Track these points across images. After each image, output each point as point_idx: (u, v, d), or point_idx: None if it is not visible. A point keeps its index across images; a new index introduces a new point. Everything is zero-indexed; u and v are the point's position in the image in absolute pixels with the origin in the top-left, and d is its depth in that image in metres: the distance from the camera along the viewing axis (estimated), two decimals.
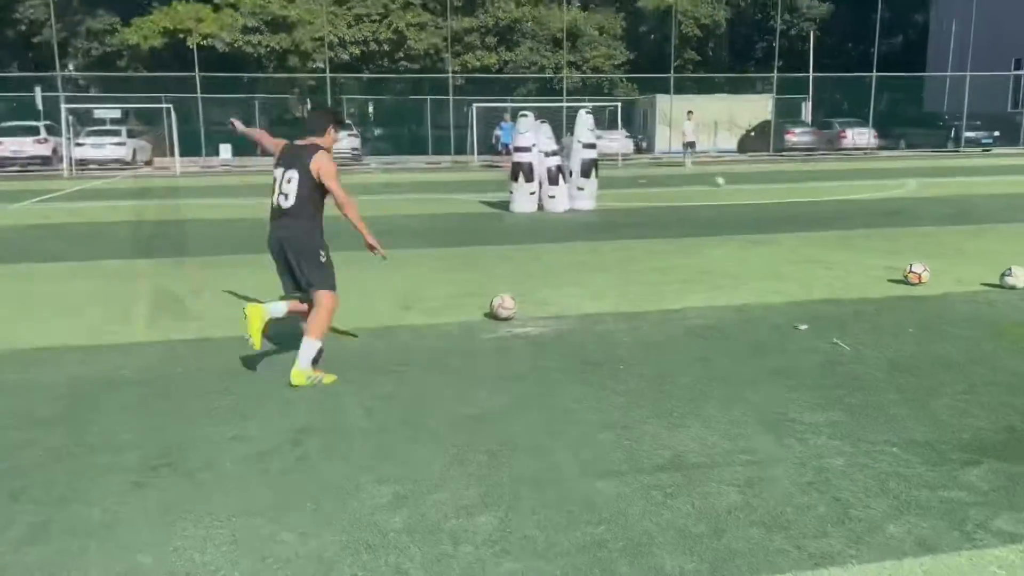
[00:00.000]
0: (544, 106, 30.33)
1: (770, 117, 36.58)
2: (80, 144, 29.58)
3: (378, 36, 38.21)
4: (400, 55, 38.89)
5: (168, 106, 30.15)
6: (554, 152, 14.76)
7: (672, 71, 36.44)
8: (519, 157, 14.65)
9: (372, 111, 42.30)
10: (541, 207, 14.73)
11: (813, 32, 43.22)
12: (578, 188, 14.88)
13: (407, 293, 7.74)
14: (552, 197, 14.67)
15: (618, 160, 31.04)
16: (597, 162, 15.23)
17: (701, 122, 30.83)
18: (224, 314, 7.08)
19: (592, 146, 15.04)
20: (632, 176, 23.75)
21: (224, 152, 31.46)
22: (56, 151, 29.87)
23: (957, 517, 3.32)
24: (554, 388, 4.98)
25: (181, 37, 36.68)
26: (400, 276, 8.38)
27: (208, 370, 5.46)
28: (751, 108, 38.69)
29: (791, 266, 8.90)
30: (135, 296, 7.88)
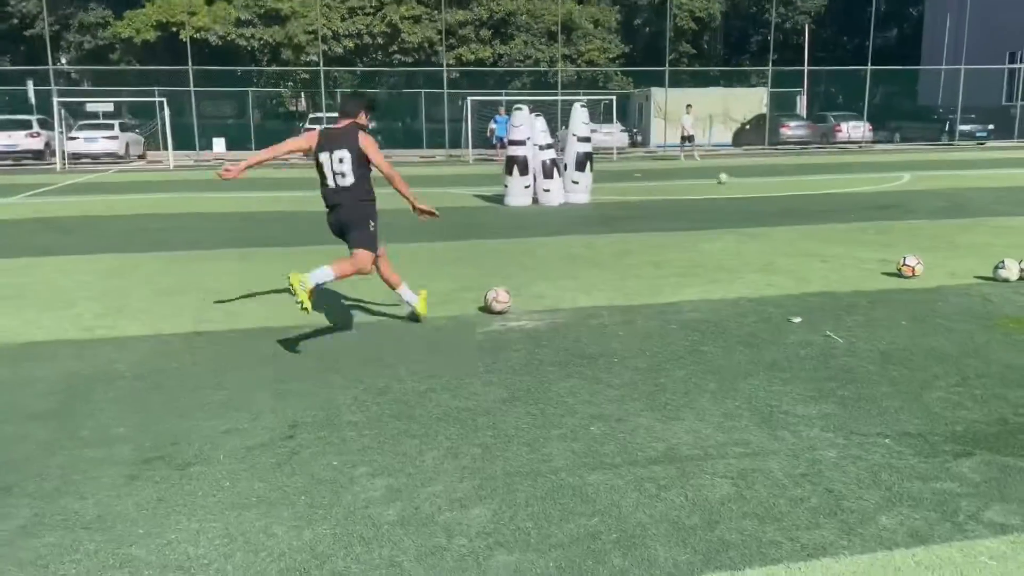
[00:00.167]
0: (539, 99, 30.34)
1: (765, 110, 36.58)
2: (73, 138, 29.47)
3: (372, 29, 38.14)
4: (394, 48, 38.83)
5: (161, 100, 30.07)
6: (549, 145, 14.76)
7: (667, 64, 36.41)
8: (514, 151, 14.64)
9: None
10: (536, 201, 14.73)
11: (808, 25, 43.27)
12: (573, 182, 14.88)
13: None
14: (547, 191, 14.67)
15: (613, 154, 31.04)
16: (592, 155, 15.23)
17: (697, 116, 30.78)
18: (218, 308, 7.07)
19: (587, 139, 15.04)
20: (627, 170, 23.75)
21: (218, 146, 31.41)
22: (49, 145, 29.76)
23: (949, 508, 3.33)
24: (548, 381, 4.99)
25: (174, 30, 36.58)
26: (395, 269, 8.36)
27: (201, 364, 5.45)
28: (746, 101, 38.70)
29: (785, 259, 8.91)
30: (128, 290, 7.87)
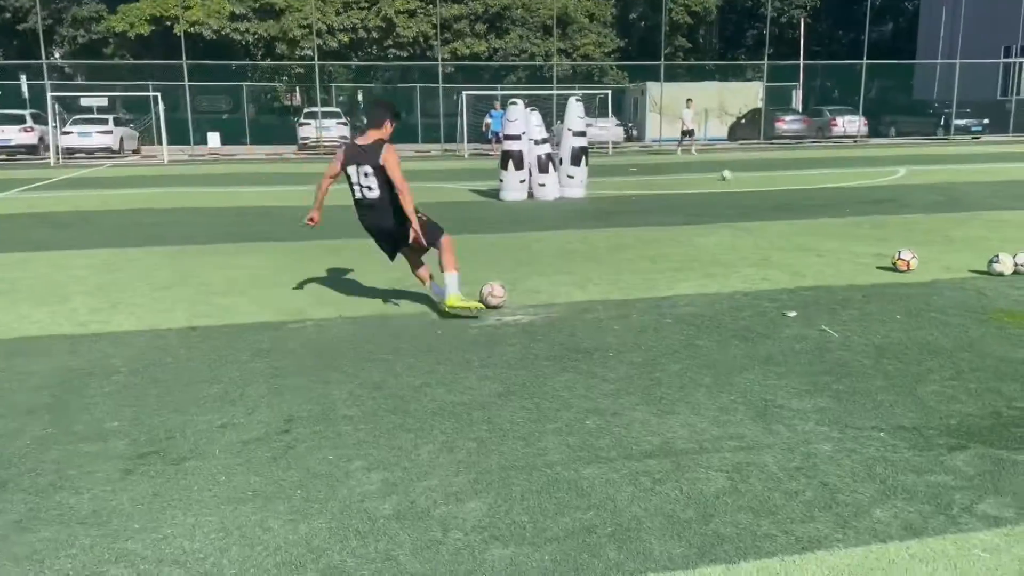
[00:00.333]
0: (534, 94, 30.33)
1: (760, 105, 36.59)
2: (67, 132, 29.38)
3: (367, 23, 38.07)
4: (389, 42, 38.76)
5: (156, 94, 29.99)
6: (544, 140, 14.75)
7: (663, 58, 36.39)
8: (509, 145, 14.63)
9: (361, 99, 42.18)
10: (531, 195, 14.73)
11: (803, 19, 43.27)
12: (568, 176, 14.88)
13: (396, 281, 7.73)
14: (542, 185, 14.66)
15: (608, 148, 31.03)
16: (587, 150, 15.22)
17: (696, 110, 30.70)
18: (213, 302, 7.07)
19: (582, 134, 15.04)
20: (622, 164, 23.76)
21: (212, 140, 31.32)
22: (42, 140, 29.69)
23: (943, 501, 3.34)
24: (543, 375, 4.99)
25: (168, 24, 36.46)
26: (390, 264, 8.36)
27: (197, 359, 5.45)
28: (741, 96, 38.72)
29: (781, 254, 8.92)
30: (123, 285, 7.85)
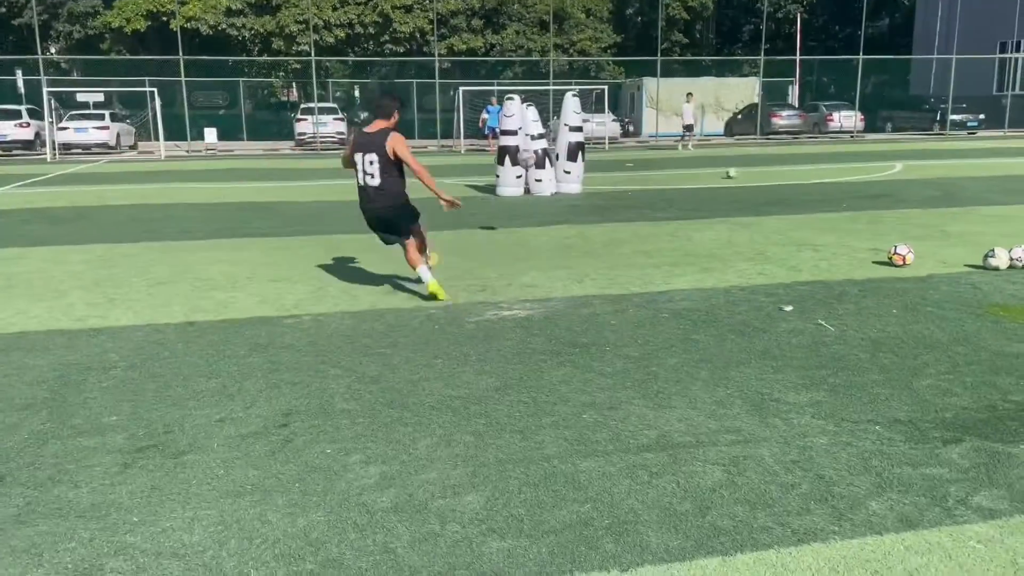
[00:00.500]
0: (531, 89, 30.31)
1: (757, 100, 36.60)
2: (63, 128, 29.30)
3: (363, 19, 38.00)
4: (385, 38, 38.71)
5: (152, 90, 29.93)
6: (540, 135, 14.75)
7: (659, 54, 36.38)
8: (505, 140, 14.63)
9: (358, 94, 42.14)
10: (528, 191, 14.73)
11: (800, 14, 43.26)
12: (565, 171, 14.88)
13: (394, 275, 7.74)
14: (539, 180, 14.66)
15: (605, 144, 31.03)
16: (584, 145, 15.22)
17: (696, 104, 30.61)
18: (211, 297, 7.07)
19: (579, 129, 15.03)
20: (619, 159, 23.76)
21: (209, 136, 31.26)
22: (39, 135, 29.60)
23: (938, 494, 3.36)
24: (540, 370, 5.00)
25: (164, 20, 36.38)
26: (387, 259, 8.37)
27: (194, 354, 5.45)
28: (738, 91, 38.72)
29: (777, 248, 8.94)
30: (121, 280, 7.85)
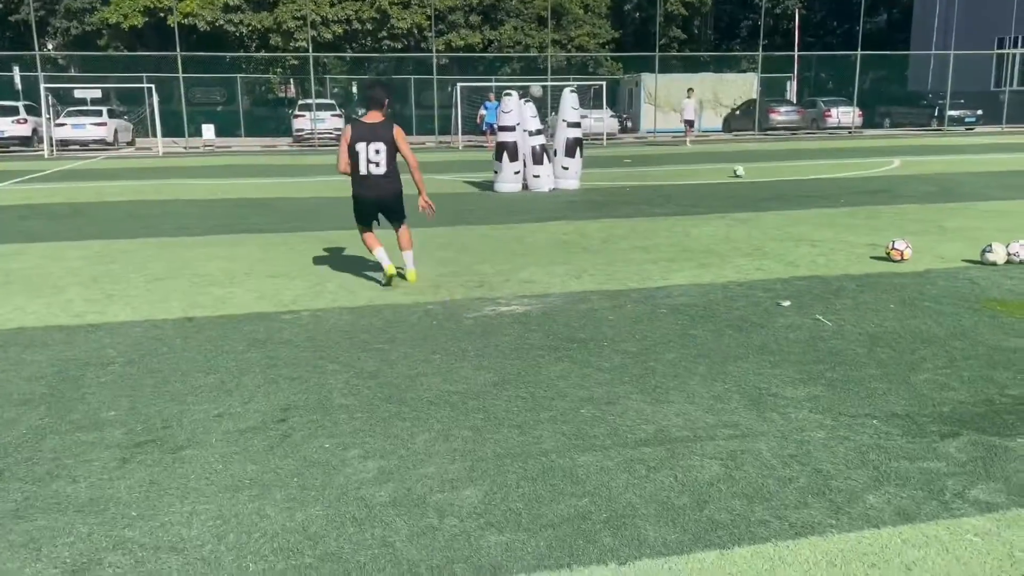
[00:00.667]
0: (529, 85, 30.25)
1: (755, 96, 36.58)
2: (60, 124, 29.25)
3: (361, 15, 37.94)
4: (383, 34, 38.65)
5: (150, 86, 29.88)
6: (538, 131, 14.74)
7: (657, 49, 36.34)
8: (503, 136, 14.62)
9: (356, 91, 42.08)
10: (526, 186, 14.73)
11: (798, 10, 43.25)
12: (563, 167, 14.87)
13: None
14: (537, 176, 14.66)
15: (603, 140, 31.02)
16: (582, 141, 15.22)
17: (697, 99, 30.52)
18: (209, 293, 7.07)
19: (577, 125, 15.02)
20: (617, 155, 23.76)
21: (207, 132, 31.18)
22: (36, 131, 29.54)
23: (935, 487, 3.37)
24: (538, 365, 5.01)
25: (161, 16, 36.31)
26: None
27: (193, 349, 5.45)
28: (736, 87, 38.71)
29: (775, 244, 8.94)
30: (119, 276, 7.85)
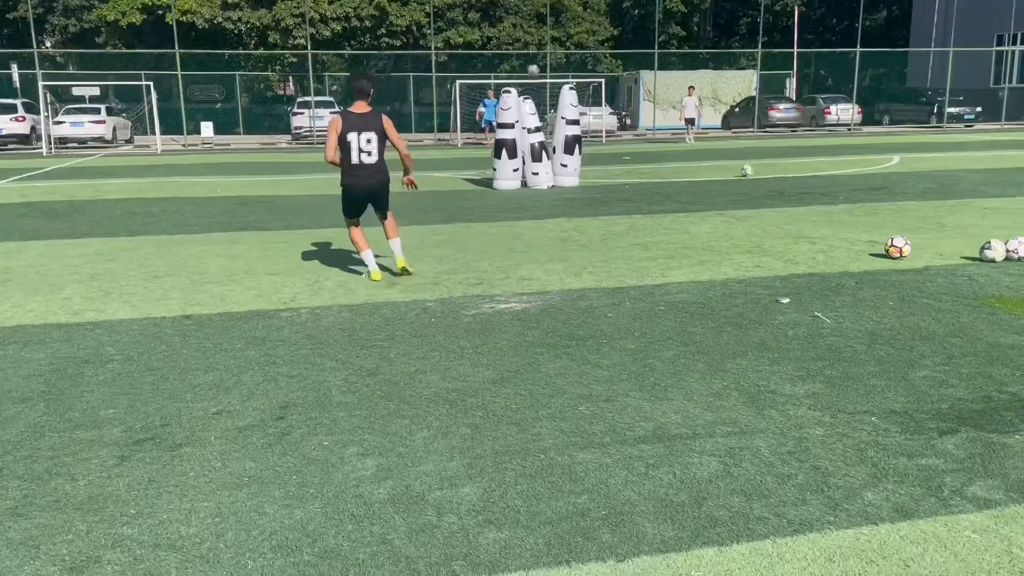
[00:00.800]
0: (527, 82, 30.27)
1: (754, 93, 36.57)
2: (59, 122, 29.21)
3: (360, 12, 37.90)
4: (382, 31, 38.62)
5: (148, 83, 29.86)
6: (537, 128, 14.73)
7: (656, 47, 36.32)
8: (502, 134, 14.61)
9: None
10: (525, 184, 14.72)
11: (797, 7, 43.21)
12: (561, 165, 14.87)
13: (390, 269, 7.74)
14: (535, 174, 14.66)
15: (602, 137, 31.01)
16: (581, 138, 15.21)
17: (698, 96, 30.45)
18: (207, 291, 7.06)
19: (575, 122, 15.01)
20: (616, 152, 23.75)
21: (205, 130, 31.16)
22: (34, 129, 29.52)
23: (934, 484, 3.37)
24: (537, 362, 5.01)
25: (160, 13, 36.26)
26: (383, 253, 8.37)
27: (191, 347, 5.45)
28: (735, 84, 38.69)
29: (774, 241, 8.95)
30: (117, 274, 7.85)
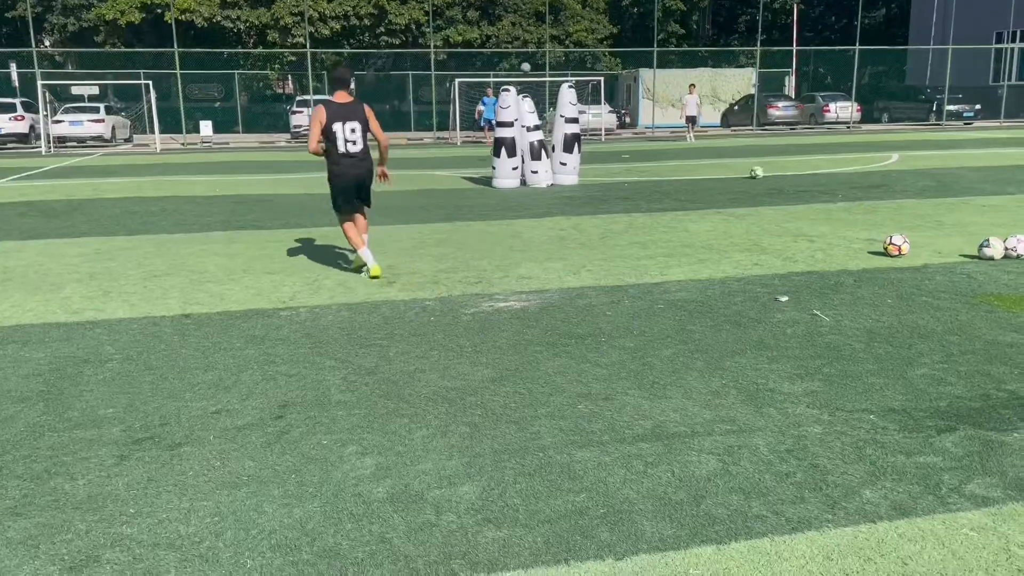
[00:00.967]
0: (527, 81, 30.26)
1: (754, 91, 36.57)
2: (58, 121, 29.20)
3: (359, 10, 37.87)
4: (381, 30, 38.59)
5: (147, 82, 29.84)
6: (536, 127, 14.73)
7: (655, 45, 36.31)
8: (501, 132, 14.61)
9: (353, 87, 42.06)
10: (524, 182, 14.73)
11: (796, 5, 43.18)
12: (561, 163, 14.87)
13: (390, 268, 7.75)
14: (535, 172, 14.66)
15: (601, 135, 31.00)
16: (580, 137, 15.21)
17: (699, 94, 30.44)
18: (206, 290, 7.07)
19: (575, 121, 15.01)
20: (615, 151, 23.74)
21: (205, 129, 31.15)
22: (33, 128, 29.51)
23: (932, 482, 3.38)
24: (536, 361, 5.01)
25: (159, 12, 36.23)
26: (383, 251, 8.38)
27: (190, 346, 5.45)
28: (734, 82, 38.69)
29: (772, 239, 8.95)
30: (116, 273, 7.85)
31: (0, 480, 3.55)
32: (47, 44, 41.16)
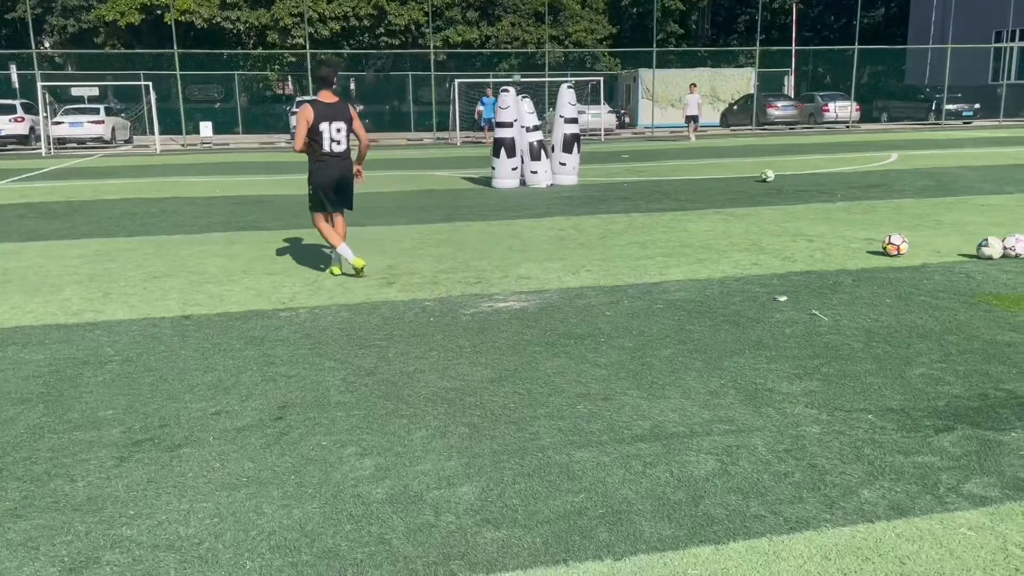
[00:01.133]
0: (526, 81, 30.28)
1: (753, 91, 36.58)
2: (58, 123, 29.20)
3: (358, 11, 37.88)
4: (380, 30, 38.61)
5: (147, 84, 29.85)
6: (536, 127, 14.74)
7: (655, 45, 36.32)
8: (501, 132, 14.62)
9: (353, 87, 42.06)
10: (523, 182, 14.73)
11: (795, 5, 43.20)
12: (560, 163, 14.88)
13: (389, 268, 7.75)
14: (534, 172, 14.66)
15: (601, 135, 31.01)
16: (579, 137, 15.22)
17: (701, 94, 30.40)
18: (206, 291, 7.07)
19: (574, 121, 15.02)
20: (615, 151, 23.75)
21: (204, 130, 31.16)
22: (33, 130, 29.51)
23: (930, 481, 3.39)
24: (535, 361, 5.02)
25: (158, 13, 36.25)
26: (382, 252, 8.39)
27: (190, 347, 5.46)
28: (734, 81, 38.70)
29: (771, 239, 8.96)
30: (116, 274, 7.85)
31: (0, 482, 3.55)
32: (47, 45, 41.18)
